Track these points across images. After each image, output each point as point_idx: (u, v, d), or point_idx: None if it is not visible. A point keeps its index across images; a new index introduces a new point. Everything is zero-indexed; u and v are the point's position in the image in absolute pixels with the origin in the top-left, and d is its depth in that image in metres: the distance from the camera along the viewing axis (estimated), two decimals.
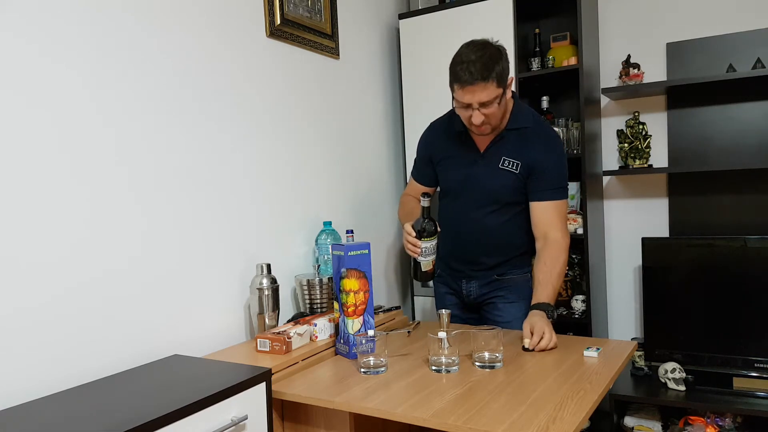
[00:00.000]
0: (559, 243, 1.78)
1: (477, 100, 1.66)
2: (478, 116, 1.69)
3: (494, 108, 1.68)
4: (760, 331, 2.30)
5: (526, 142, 1.81)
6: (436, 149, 1.95)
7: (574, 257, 2.68)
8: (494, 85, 1.65)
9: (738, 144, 2.52)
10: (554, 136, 1.85)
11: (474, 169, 1.86)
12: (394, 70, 2.72)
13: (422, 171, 2.01)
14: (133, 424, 1.03)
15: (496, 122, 1.75)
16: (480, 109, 1.68)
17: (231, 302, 1.79)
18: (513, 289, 1.92)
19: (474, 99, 1.66)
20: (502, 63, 1.66)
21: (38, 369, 1.28)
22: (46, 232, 1.31)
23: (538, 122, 1.84)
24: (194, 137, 1.69)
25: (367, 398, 1.31)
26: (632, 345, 1.63)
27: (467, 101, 1.68)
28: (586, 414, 1.19)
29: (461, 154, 1.88)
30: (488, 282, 1.94)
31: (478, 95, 1.65)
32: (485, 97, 1.65)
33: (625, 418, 2.45)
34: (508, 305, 1.92)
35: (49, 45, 1.32)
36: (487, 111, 1.68)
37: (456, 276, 2.00)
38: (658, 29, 2.65)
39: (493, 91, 1.65)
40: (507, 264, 1.93)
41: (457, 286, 2.01)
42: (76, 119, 1.38)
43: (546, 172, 1.80)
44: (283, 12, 2.01)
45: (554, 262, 1.76)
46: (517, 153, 1.81)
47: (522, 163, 1.80)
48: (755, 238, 2.30)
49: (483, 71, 1.62)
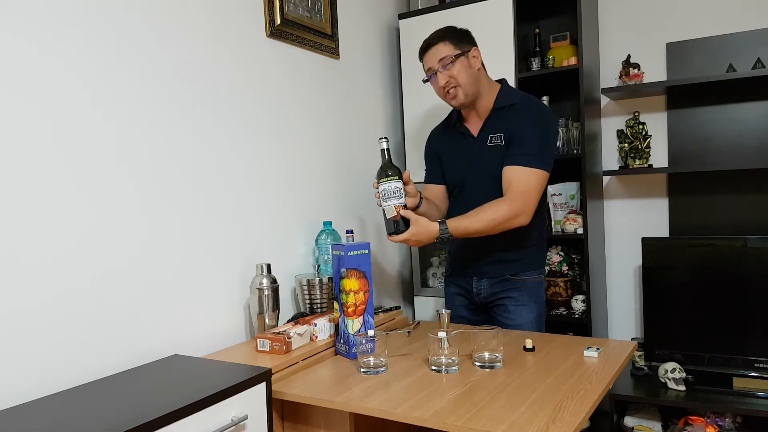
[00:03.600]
0: (500, 205, 1.72)
1: (435, 59, 1.80)
2: (442, 77, 1.81)
3: (456, 69, 1.78)
4: (760, 331, 2.30)
5: (511, 116, 1.83)
6: (439, 145, 2.02)
7: (574, 257, 2.68)
8: (450, 46, 1.80)
9: (738, 144, 2.52)
10: (541, 110, 1.83)
11: (470, 153, 1.89)
12: (394, 70, 2.72)
13: (432, 170, 2.06)
14: (133, 424, 1.03)
15: (465, 85, 1.80)
16: (442, 71, 1.80)
17: (231, 302, 1.79)
18: (524, 291, 1.90)
19: (433, 60, 1.81)
20: (459, 33, 1.83)
21: (38, 369, 1.28)
22: (46, 232, 1.31)
23: (526, 99, 1.86)
24: (194, 137, 1.69)
25: (367, 398, 1.31)
26: (632, 345, 1.63)
27: (429, 65, 1.83)
28: (586, 414, 1.19)
29: (459, 142, 1.93)
30: (499, 281, 1.92)
31: (435, 56, 1.80)
32: (442, 53, 1.79)
33: (625, 418, 2.45)
34: (518, 308, 1.90)
35: (49, 45, 1.32)
36: (449, 72, 1.79)
37: (467, 273, 1.99)
38: (658, 29, 2.65)
39: (450, 49, 1.79)
40: (519, 263, 1.90)
41: (467, 284, 1.99)
42: (75, 119, 1.38)
43: (520, 137, 1.77)
44: (283, 12, 2.01)
45: (488, 208, 1.71)
46: (502, 127, 1.83)
47: (504, 134, 1.82)
48: (755, 238, 2.30)
49: (436, 35, 1.82)
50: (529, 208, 1.74)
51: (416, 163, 2.64)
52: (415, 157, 2.64)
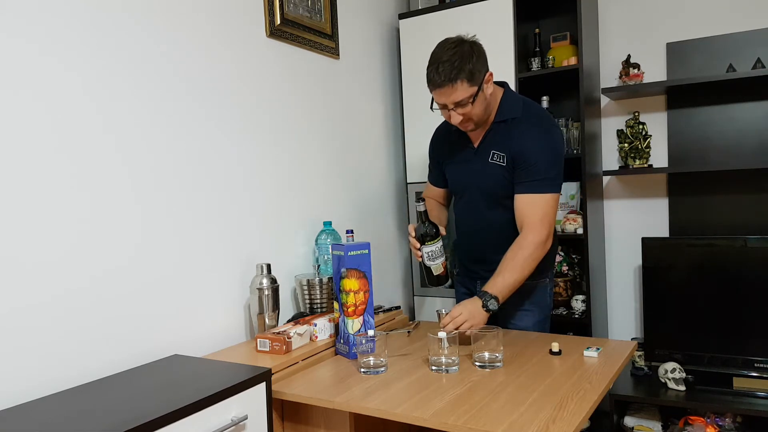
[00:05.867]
0: (526, 238, 1.70)
1: (450, 101, 1.67)
2: (455, 116, 1.70)
3: (470, 107, 1.67)
4: (760, 331, 2.30)
5: (512, 133, 1.76)
6: (440, 152, 1.98)
7: (574, 257, 2.68)
8: (465, 85, 1.64)
9: (738, 144, 2.52)
10: (543, 124, 1.76)
11: (470, 166, 1.85)
12: (394, 70, 2.72)
13: (434, 173, 2.04)
14: (133, 424, 1.03)
15: (478, 118, 1.73)
16: (456, 110, 1.68)
17: (231, 302, 1.79)
18: (527, 295, 1.86)
19: (447, 100, 1.67)
20: (473, 61, 1.64)
21: (38, 369, 1.28)
22: (46, 232, 1.31)
23: (528, 111, 1.78)
24: (194, 137, 1.69)
25: (367, 398, 1.31)
26: (632, 345, 1.63)
27: (442, 102, 1.70)
28: (586, 414, 1.19)
29: (459, 152, 1.89)
30: None
31: (451, 96, 1.66)
32: (458, 97, 1.65)
33: (625, 418, 2.45)
34: (522, 313, 1.87)
35: (48, 45, 1.32)
36: (463, 111, 1.68)
37: (471, 276, 1.98)
38: (658, 29, 2.65)
39: (465, 90, 1.64)
40: None
41: (472, 286, 1.98)
42: (75, 119, 1.38)
43: (528, 163, 1.72)
44: (283, 12, 2.01)
45: (516, 251, 1.69)
46: (504, 145, 1.77)
47: (507, 155, 1.76)
48: (755, 238, 2.30)
49: (451, 73, 1.62)
50: (551, 230, 1.74)
51: (416, 163, 2.64)
52: (415, 157, 2.64)
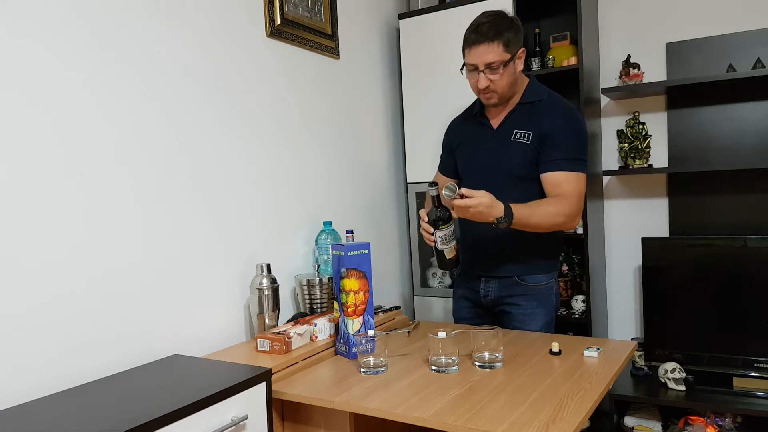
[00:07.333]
0: (561, 202, 1.67)
1: (483, 60, 1.68)
2: (483, 80, 1.70)
3: (499, 73, 1.68)
4: (760, 331, 2.30)
5: (538, 113, 1.76)
6: (455, 136, 1.98)
7: (574, 257, 2.68)
8: (501, 48, 1.66)
9: (738, 144, 2.52)
10: (570, 108, 1.77)
11: (487, 146, 1.84)
12: (394, 70, 2.72)
13: (445, 161, 2.04)
14: (133, 424, 1.03)
15: (503, 90, 1.73)
16: (486, 73, 1.69)
17: (231, 302, 1.79)
18: (534, 297, 1.83)
19: (480, 60, 1.68)
20: (512, 31, 1.68)
21: (38, 369, 1.28)
22: (45, 232, 1.31)
23: (553, 96, 1.80)
24: (194, 137, 1.69)
25: (367, 398, 1.31)
26: (632, 345, 1.63)
27: (473, 62, 1.70)
28: (586, 414, 1.19)
29: (476, 134, 1.88)
30: (509, 285, 1.85)
31: (484, 56, 1.67)
32: (491, 57, 1.67)
33: (625, 418, 2.45)
34: (527, 316, 1.83)
35: (48, 44, 1.32)
36: (492, 76, 1.69)
37: (475, 274, 1.92)
38: (658, 29, 2.65)
39: (500, 53, 1.67)
40: (529, 265, 1.83)
41: (475, 286, 1.92)
42: (75, 119, 1.38)
43: (558, 141, 1.70)
44: (283, 12, 2.01)
45: (548, 204, 1.66)
46: (529, 124, 1.76)
47: (533, 133, 1.74)
48: (755, 238, 2.30)
49: (490, 32, 1.66)
50: (580, 211, 1.72)
51: (416, 162, 2.64)
52: (415, 157, 2.64)
